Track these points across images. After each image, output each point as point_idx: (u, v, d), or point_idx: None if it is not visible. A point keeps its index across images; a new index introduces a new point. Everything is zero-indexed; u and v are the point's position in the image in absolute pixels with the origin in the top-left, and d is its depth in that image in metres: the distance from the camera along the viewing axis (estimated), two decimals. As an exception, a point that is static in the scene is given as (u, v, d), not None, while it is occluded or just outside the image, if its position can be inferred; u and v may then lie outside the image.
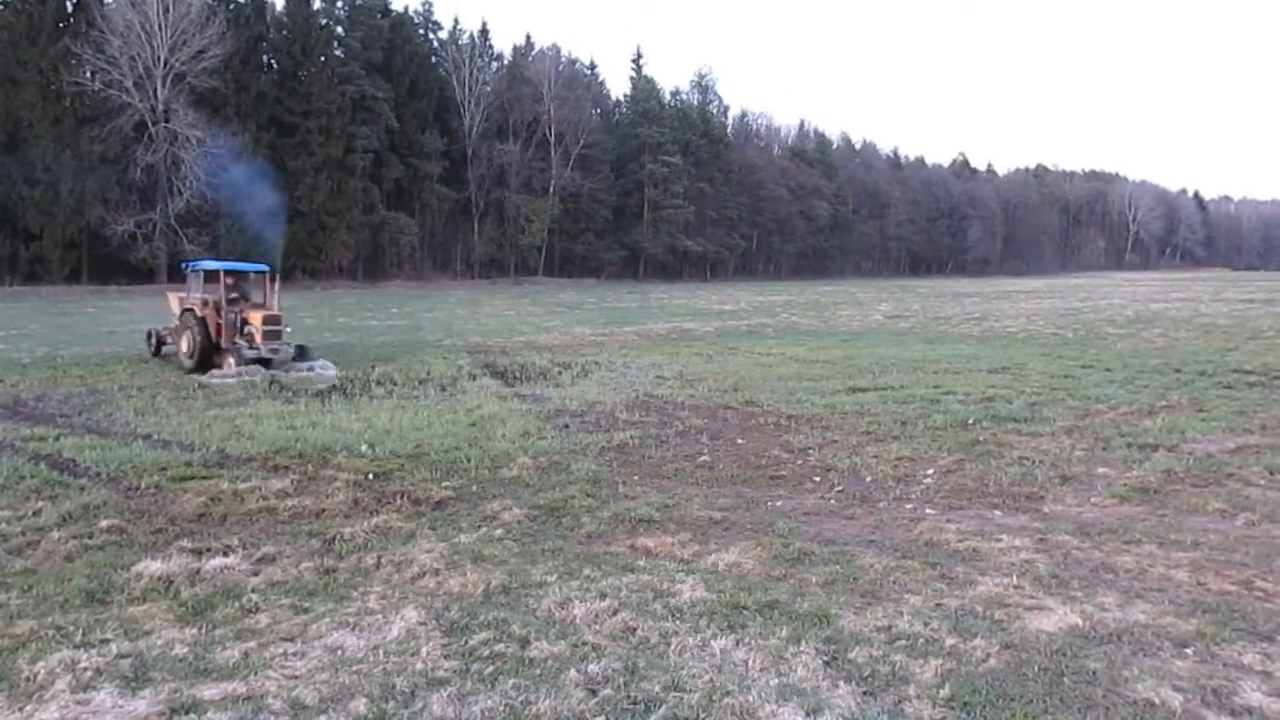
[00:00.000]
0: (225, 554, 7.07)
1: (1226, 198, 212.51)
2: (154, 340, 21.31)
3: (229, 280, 20.12)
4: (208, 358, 18.93)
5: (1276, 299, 49.78)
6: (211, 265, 20.92)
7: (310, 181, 64.18)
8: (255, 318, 19.22)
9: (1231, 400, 14.68)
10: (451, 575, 6.58)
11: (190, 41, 58.24)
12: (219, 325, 19.38)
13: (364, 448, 10.81)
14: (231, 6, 66.01)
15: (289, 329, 19.96)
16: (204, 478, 9.40)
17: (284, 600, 6.15)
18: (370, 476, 9.50)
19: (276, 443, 11.00)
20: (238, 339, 19.06)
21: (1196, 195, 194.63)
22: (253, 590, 6.34)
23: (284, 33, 68.21)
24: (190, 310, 19.81)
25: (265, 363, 18.57)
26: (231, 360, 18.36)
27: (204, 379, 17.22)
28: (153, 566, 6.70)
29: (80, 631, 5.57)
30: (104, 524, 7.78)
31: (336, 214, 66.50)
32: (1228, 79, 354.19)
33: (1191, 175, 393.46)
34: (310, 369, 18.65)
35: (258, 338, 18.94)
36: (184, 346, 19.65)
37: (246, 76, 62.80)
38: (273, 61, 67.76)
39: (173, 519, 8.11)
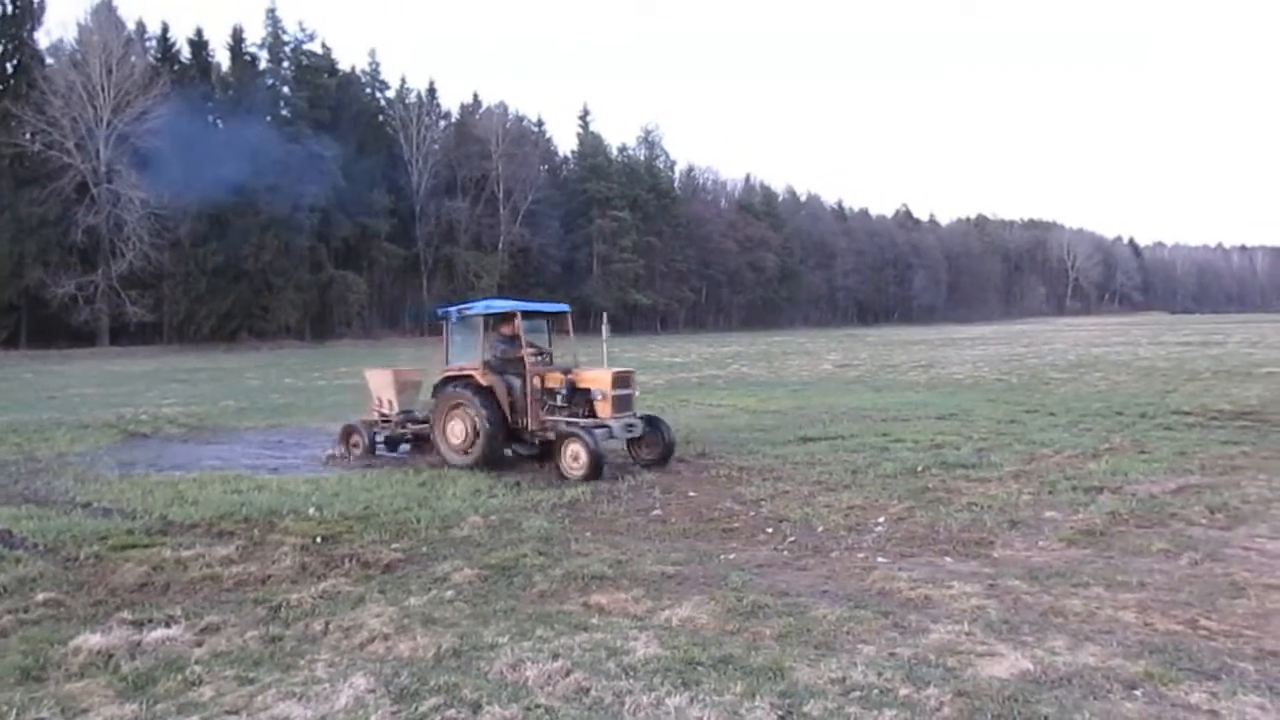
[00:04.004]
0: (167, 625, 6.88)
1: (1160, 244, 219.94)
2: (361, 439, 15.27)
3: (515, 330, 13.90)
4: (499, 448, 13.55)
5: (1212, 341, 51.11)
6: (501, 306, 14.36)
7: (256, 240, 63.76)
8: (599, 379, 13.36)
9: (1172, 441, 14.99)
10: (401, 639, 6.47)
11: (134, 102, 58.02)
12: (510, 397, 13.57)
13: (312, 510, 10.62)
14: (175, 67, 66.00)
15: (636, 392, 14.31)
16: (146, 546, 9.14)
17: (228, 671, 5.99)
18: (318, 540, 9.32)
19: (221, 508, 10.76)
20: (547, 416, 13.42)
21: (1131, 242, 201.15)
22: (196, 662, 6.16)
23: (229, 92, 68.19)
24: (463, 378, 13.78)
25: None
26: (581, 449, 12.51)
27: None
28: (92, 640, 6.49)
29: (14, 712, 5.36)
30: (41, 597, 7.54)
31: (283, 273, 66.18)
32: (1157, 128, 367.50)
33: (1126, 222, 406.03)
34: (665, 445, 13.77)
35: (604, 408, 13.22)
36: (455, 436, 13.67)
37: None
38: (218, 121, 67.62)
39: (113, 590, 7.88)
